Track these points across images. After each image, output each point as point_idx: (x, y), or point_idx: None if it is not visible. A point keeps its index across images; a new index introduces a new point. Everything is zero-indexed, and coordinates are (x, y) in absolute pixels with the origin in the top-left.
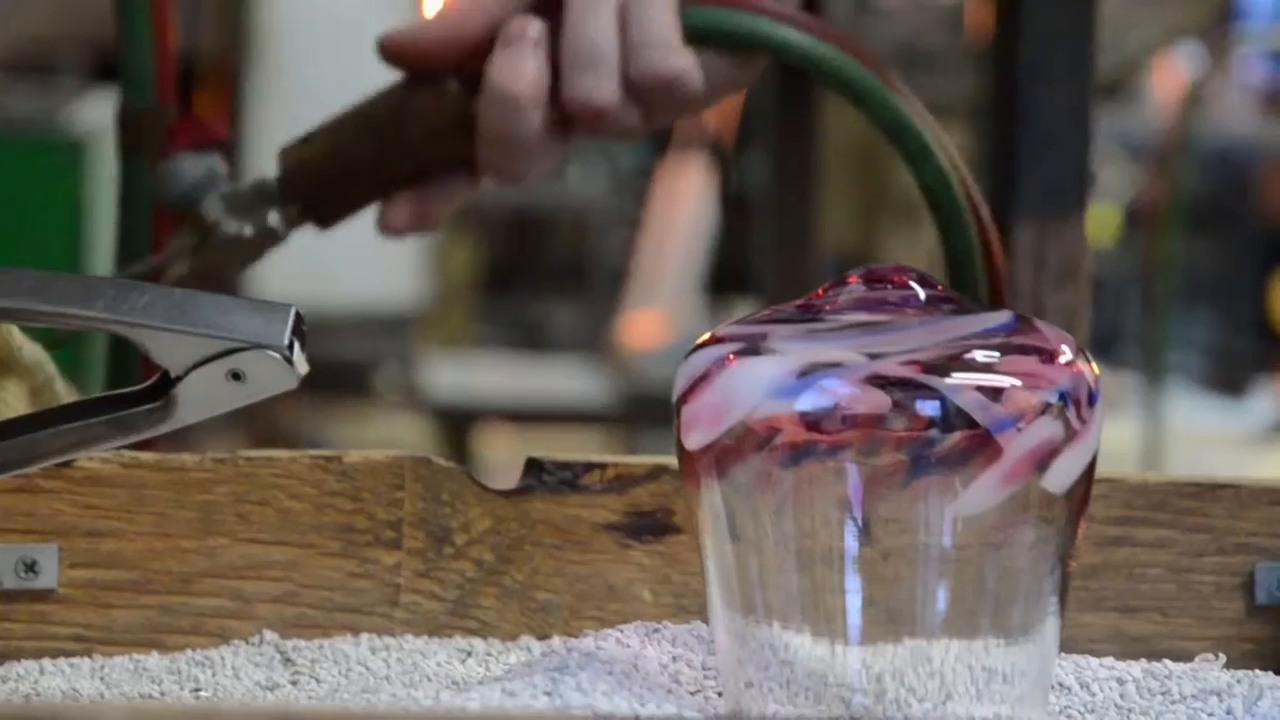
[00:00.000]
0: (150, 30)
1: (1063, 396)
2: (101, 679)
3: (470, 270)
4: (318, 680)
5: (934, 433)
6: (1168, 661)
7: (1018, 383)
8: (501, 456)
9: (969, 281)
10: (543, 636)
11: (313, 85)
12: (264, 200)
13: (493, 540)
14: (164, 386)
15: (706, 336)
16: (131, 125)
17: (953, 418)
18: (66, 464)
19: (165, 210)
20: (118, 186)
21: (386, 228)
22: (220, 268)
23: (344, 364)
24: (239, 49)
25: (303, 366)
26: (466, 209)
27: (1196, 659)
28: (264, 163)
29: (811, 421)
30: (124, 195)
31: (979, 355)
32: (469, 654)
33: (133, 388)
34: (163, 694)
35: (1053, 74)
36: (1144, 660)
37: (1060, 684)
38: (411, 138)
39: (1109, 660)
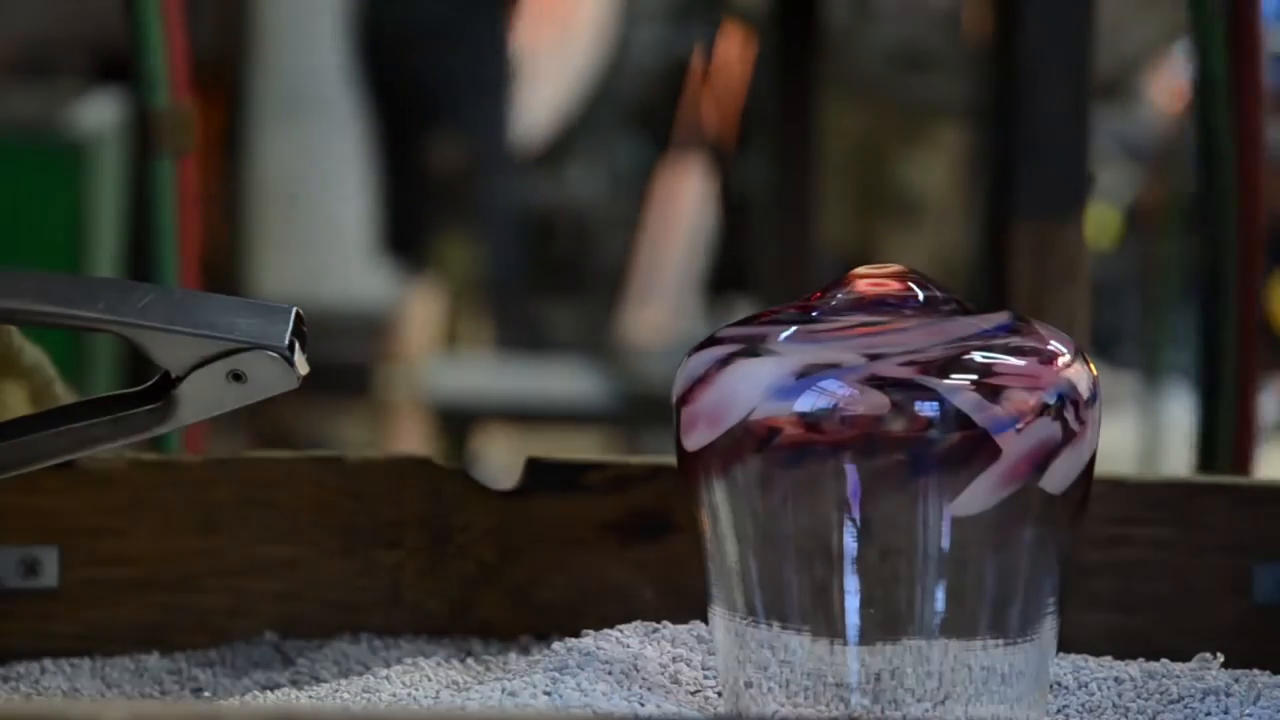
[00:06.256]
0: (161, 28)
1: (1061, 397)
2: (102, 679)
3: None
4: (318, 680)
5: (932, 433)
6: (1166, 661)
7: (1016, 384)
8: (501, 456)
9: None
10: (543, 636)
11: (313, 85)
12: None
13: (493, 540)
14: (165, 387)
15: (706, 338)
16: (148, 126)
17: (951, 418)
18: (68, 464)
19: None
20: (145, 187)
21: None
22: None
23: (344, 364)
24: (239, 49)
25: (303, 367)
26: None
27: (1195, 659)
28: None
29: (811, 422)
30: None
31: (977, 356)
32: (469, 654)
33: (133, 388)
34: (163, 694)
35: (1052, 74)
36: (1142, 660)
37: (1058, 683)
38: None
39: (1107, 660)
